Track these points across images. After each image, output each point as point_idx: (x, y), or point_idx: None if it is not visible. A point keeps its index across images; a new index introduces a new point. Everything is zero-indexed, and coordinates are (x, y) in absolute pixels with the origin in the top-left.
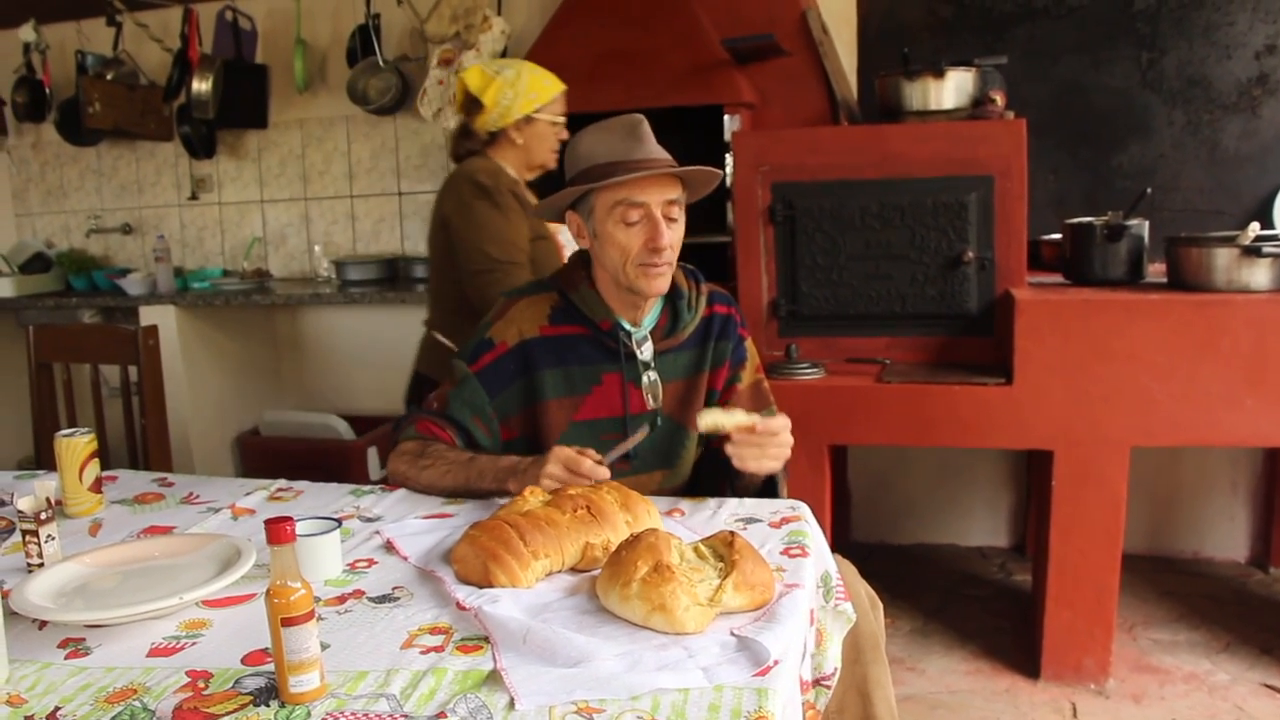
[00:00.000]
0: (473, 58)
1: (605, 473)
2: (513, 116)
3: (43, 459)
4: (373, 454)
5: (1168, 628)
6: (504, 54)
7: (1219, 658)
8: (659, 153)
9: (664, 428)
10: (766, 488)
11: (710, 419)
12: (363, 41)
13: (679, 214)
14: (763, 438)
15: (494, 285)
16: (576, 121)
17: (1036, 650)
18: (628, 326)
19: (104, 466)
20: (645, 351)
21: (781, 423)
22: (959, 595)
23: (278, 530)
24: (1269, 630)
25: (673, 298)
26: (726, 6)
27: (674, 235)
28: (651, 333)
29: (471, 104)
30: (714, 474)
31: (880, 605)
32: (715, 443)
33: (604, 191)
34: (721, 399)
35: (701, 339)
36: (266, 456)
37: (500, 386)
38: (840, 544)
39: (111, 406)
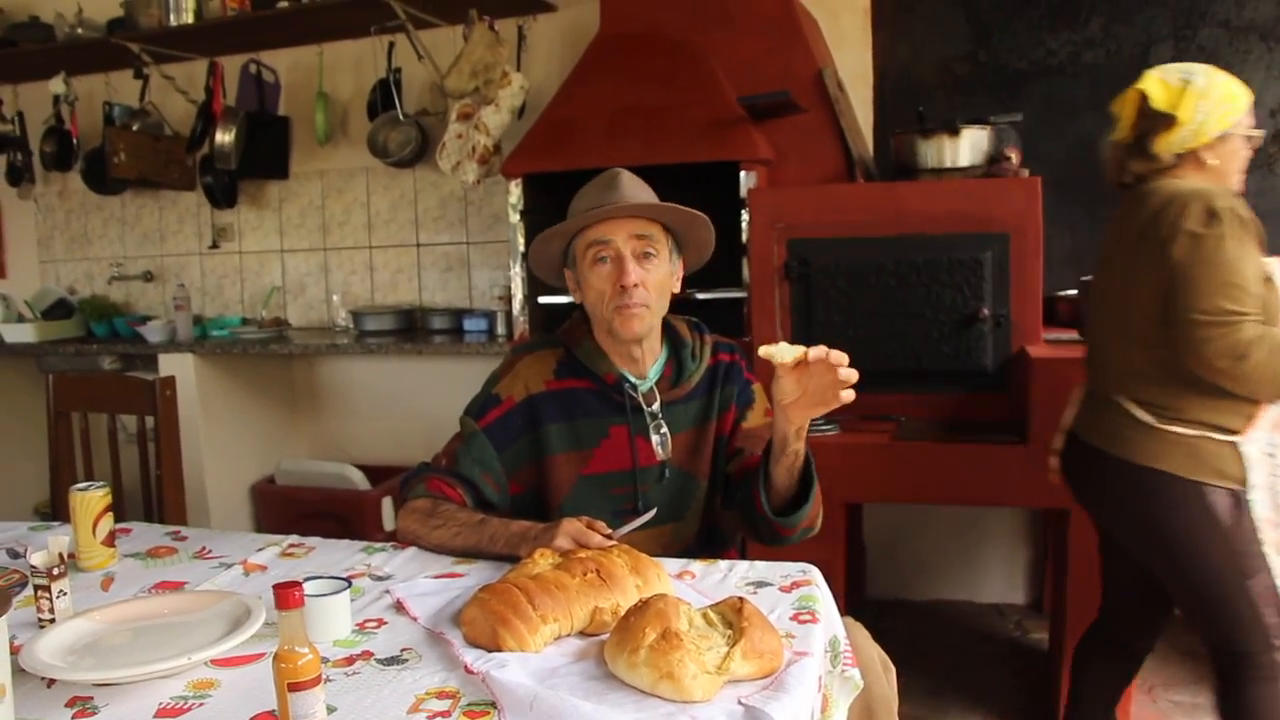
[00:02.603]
0: (491, 113)
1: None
2: (1208, 134)
3: (59, 506)
4: (387, 504)
5: (1189, 689)
6: (522, 109)
7: None
8: (636, 197)
9: (673, 478)
10: (802, 490)
11: (767, 349)
12: (383, 95)
13: (655, 251)
14: (827, 366)
15: (1216, 341)
16: (593, 176)
17: (1054, 711)
18: (632, 379)
19: (120, 515)
20: (653, 404)
21: (840, 354)
22: (975, 653)
23: (286, 595)
24: None
25: (676, 348)
26: (743, 63)
27: (649, 275)
28: (657, 384)
29: (1152, 120)
30: (746, 502)
31: (893, 668)
32: (736, 478)
33: (579, 238)
34: (730, 443)
35: (708, 388)
36: (282, 505)
37: (508, 442)
38: (855, 601)
39: (128, 452)
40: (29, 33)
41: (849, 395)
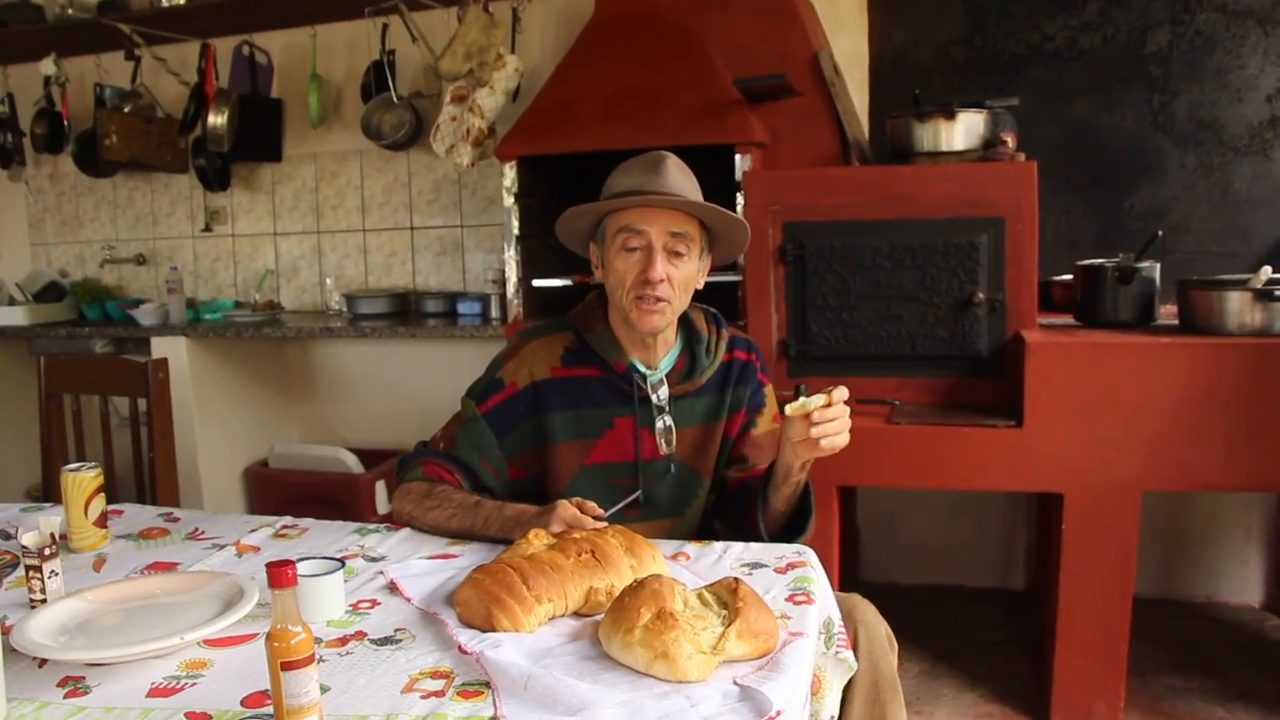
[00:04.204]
0: (486, 95)
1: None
2: None
3: (51, 488)
4: (381, 487)
5: (1181, 673)
6: (516, 92)
7: (1233, 705)
8: (679, 188)
9: (677, 474)
10: (798, 515)
11: (793, 407)
12: (377, 78)
13: (686, 250)
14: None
15: None
16: (588, 159)
17: (1047, 694)
18: (642, 369)
19: (112, 498)
20: (660, 395)
21: (843, 393)
22: (969, 638)
23: (279, 574)
24: None
25: (691, 341)
26: (739, 46)
27: (676, 271)
28: (668, 376)
29: None
30: (739, 515)
31: (896, 645)
32: (731, 485)
33: (612, 218)
34: (734, 447)
35: (720, 385)
36: (275, 489)
37: (509, 428)
38: (849, 584)
39: (120, 436)
40: (19, 13)
41: (844, 439)
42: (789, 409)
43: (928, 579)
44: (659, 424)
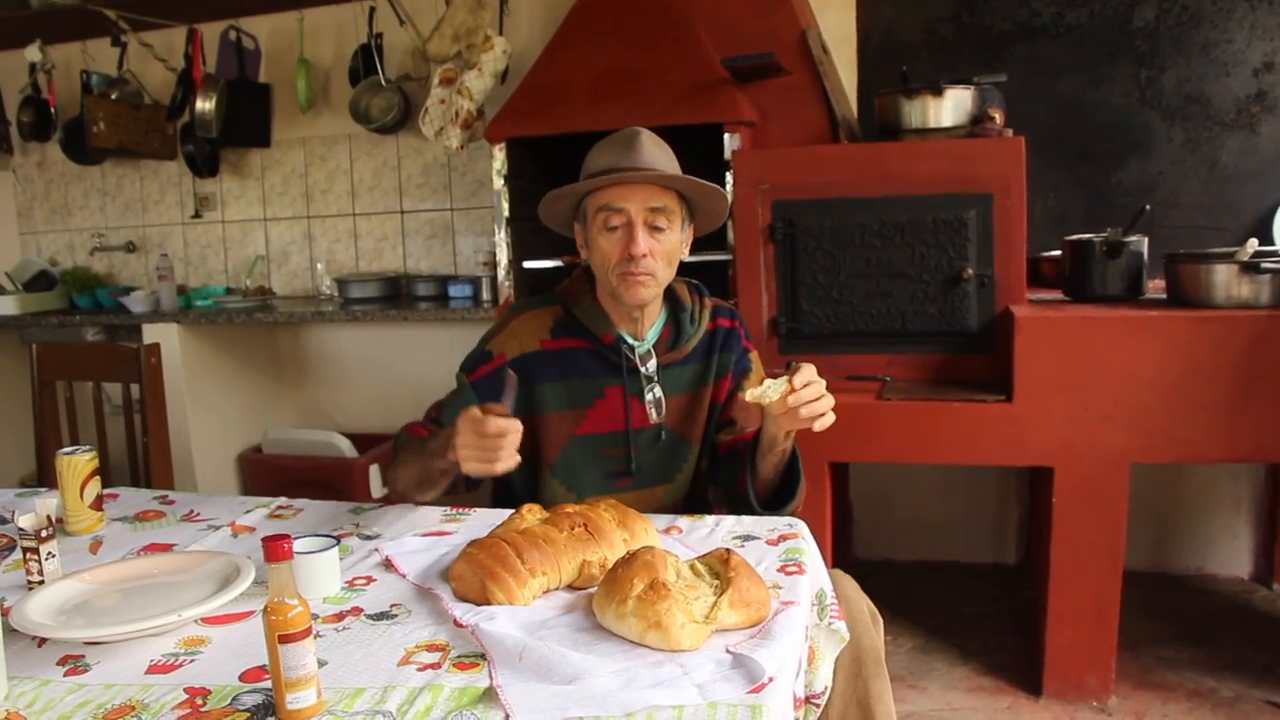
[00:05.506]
0: (474, 77)
1: (516, 424)
2: None
3: (45, 476)
4: (374, 471)
5: (1171, 645)
6: (505, 74)
7: (1222, 675)
8: (653, 162)
9: (667, 442)
10: (786, 480)
11: (753, 393)
12: (365, 61)
13: (667, 224)
14: (809, 391)
15: None
16: (577, 140)
17: (1039, 667)
18: (630, 340)
19: (106, 484)
20: (649, 366)
21: (809, 372)
22: (961, 613)
23: (275, 548)
24: (1272, 647)
25: (675, 311)
26: (727, 25)
27: (659, 245)
28: (655, 346)
29: None
30: (731, 481)
31: (880, 620)
32: (722, 449)
33: (591, 198)
34: (723, 412)
35: (705, 353)
36: (269, 474)
37: (496, 398)
38: (842, 561)
39: (114, 424)
40: (2, 0)
41: (829, 420)
42: (748, 396)
43: (920, 555)
44: (649, 394)
